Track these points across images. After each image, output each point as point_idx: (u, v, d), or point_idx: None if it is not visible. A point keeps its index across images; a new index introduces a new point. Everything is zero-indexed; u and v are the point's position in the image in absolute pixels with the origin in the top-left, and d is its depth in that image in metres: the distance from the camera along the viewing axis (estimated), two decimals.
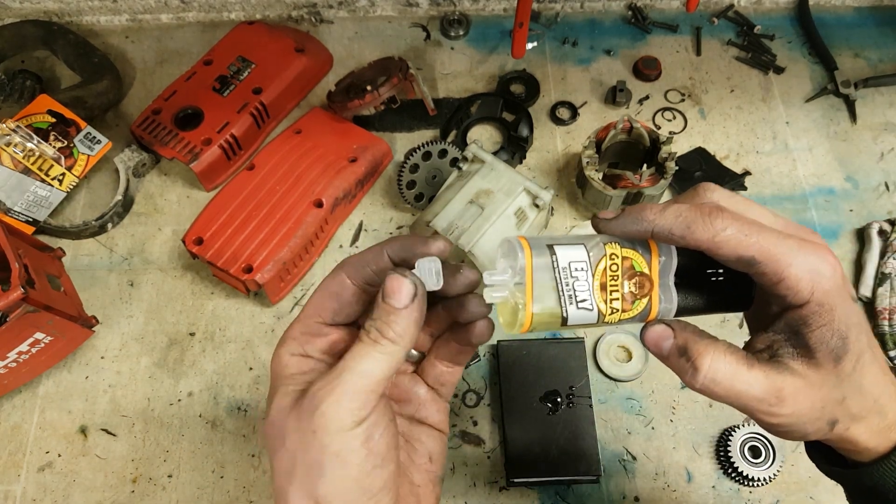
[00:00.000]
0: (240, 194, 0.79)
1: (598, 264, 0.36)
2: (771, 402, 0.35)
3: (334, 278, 0.39)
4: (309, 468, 0.34)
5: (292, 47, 0.91)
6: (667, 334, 0.37)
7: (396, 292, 0.35)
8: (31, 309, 0.64)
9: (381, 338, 0.35)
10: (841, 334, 0.35)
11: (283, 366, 0.38)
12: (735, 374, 0.35)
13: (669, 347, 0.37)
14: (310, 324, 0.39)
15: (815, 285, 0.35)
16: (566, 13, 1.00)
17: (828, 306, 0.35)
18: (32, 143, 0.78)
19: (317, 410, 0.34)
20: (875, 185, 0.87)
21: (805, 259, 0.35)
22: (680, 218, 0.35)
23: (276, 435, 0.36)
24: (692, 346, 0.36)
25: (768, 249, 0.35)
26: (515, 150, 0.87)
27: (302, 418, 0.34)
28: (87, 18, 0.98)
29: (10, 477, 0.70)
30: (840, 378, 0.36)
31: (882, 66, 0.96)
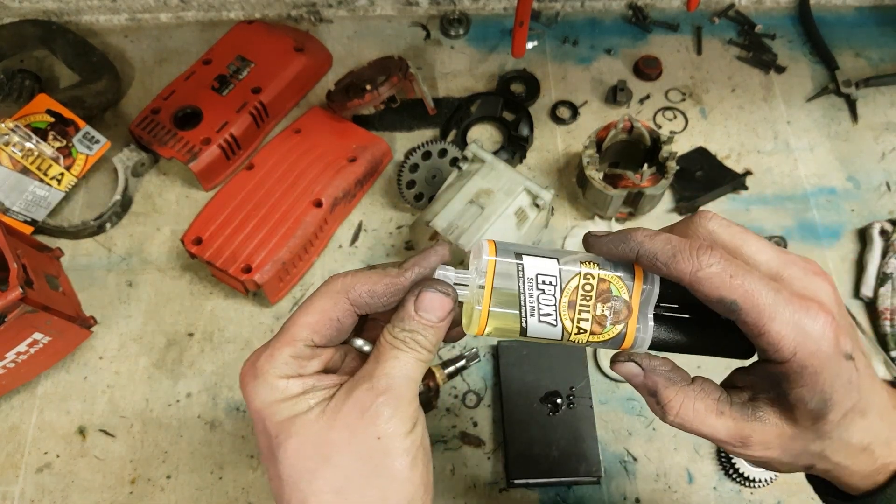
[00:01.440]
0: (239, 194, 0.79)
1: (569, 281, 0.36)
2: (736, 445, 0.36)
3: (336, 304, 0.36)
4: (376, 476, 0.33)
5: (291, 46, 0.91)
6: (636, 371, 0.37)
7: (437, 309, 0.36)
8: (30, 309, 0.64)
9: (420, 347, 0.35)
10: (823, 395, 0.33)
11: (282, 389, 0.35)
12: (703, 420, 0.36)
13: (638, 384, 0.37)
14: (300, 348, 0.36)
15: (798, 346, 0.32)
16: (566, 12, 1.00)
17: (811, 369, 0.33)
18: (31, 142, 0.78)
19: (380, 418, 0.33)
20: (876, 184, 0.86)
21: (792, 315, 0.32)
22: (668, 246, 0.34)
23: (313, 455, 0.33)
24: (662, 393, 0.36)
25: (753, 297, 0.32)
26: (515, 150, 0.87)
27: (357, 429, 0.33)
28: (86, 18, 0.98)
29: (9, 478, 0.69)
30: (819, 435, 0.35)
31: (883, 65, 0.96)
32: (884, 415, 0.36)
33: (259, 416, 0.35)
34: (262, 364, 0.35)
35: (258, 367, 0.36)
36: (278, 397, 0.35)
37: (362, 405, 0.34)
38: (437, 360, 0.74)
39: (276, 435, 0.34)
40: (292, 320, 0.37)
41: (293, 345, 0.36)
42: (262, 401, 0.35)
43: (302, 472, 0.33)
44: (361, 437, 0.33)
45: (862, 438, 0.35)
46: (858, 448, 0.36)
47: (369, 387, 0.34)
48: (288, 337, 0.36)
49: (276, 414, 0.35)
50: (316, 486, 0.33)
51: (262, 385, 0.35)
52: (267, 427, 0.35)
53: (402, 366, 0.35)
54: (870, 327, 0.77)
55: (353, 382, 0.35)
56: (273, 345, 0.36)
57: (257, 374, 0.35)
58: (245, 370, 0.36)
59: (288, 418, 0.34)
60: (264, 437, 0.35)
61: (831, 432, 0.35)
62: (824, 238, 0.83)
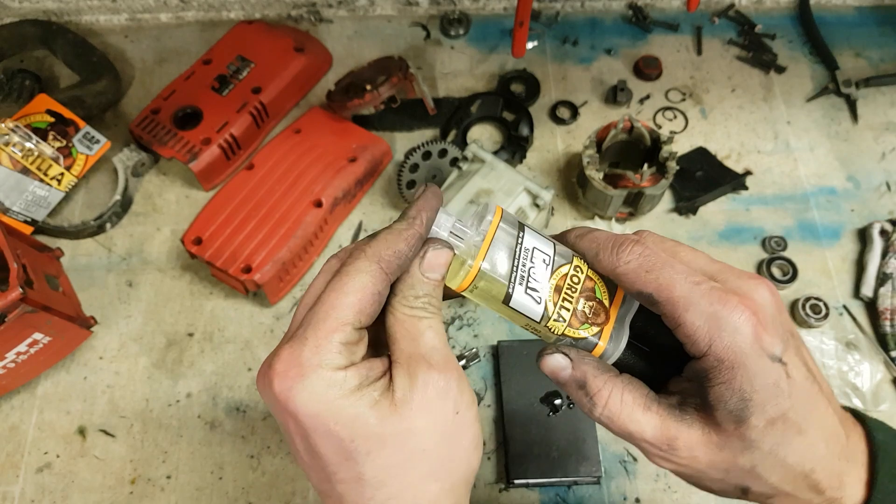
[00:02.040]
0: (239, 194, 0.79)
1: (560, 266, 0.36)
2: (662, 448, 0.34)
3: (374, 277, 0.33)
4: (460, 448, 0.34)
5: (291, 46, 0.91)
6: (564, 363, 0.36)
7: (441, 266, 0.35)
8: (30, 309, 0.64)
9: (436, 308, 0.35)
10: (743, 396, 0.32)
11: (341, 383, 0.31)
12: (630, 414, 0.34)
13: (566, 378, 0.36)
14: (349, 332, 0.32)
15: (714, 338, 0.32)
16: (567, 12, 1.00)
17: (728, 363, 0.32)
18: (31, 142, 0.78)
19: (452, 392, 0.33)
20: (876, 184, 0.86)
21: (709, 307, 0.32)
22: (593, 244, 0.35)
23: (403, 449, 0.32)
24: (591, 382, 0.35)
25: (667, 289, 0.33)
26: (516, 150, 0.87)
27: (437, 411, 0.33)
28: (86, 18, 0.98)
29: (9, 478, 0.69)
30: (746, 444, 0.33)
31: (883, 65, 0.96)
32: (830, 441, 0.34)
33: (318, 420, 0.31)
34: (310, 358, 0.31)
35: (305, 362, 0.31)
36: (339, 393, 0.31)
37: (434, 386, 0.33)
38: None
39: (351, 438, 0.31)
40: (330, 304, 0.32)
41: (342, 330, 0.32)
42: (320, 401, 0.31)
43: (392, 469, 0.32)
44: (443, 418, 0.33)
45: (800, 460, 0.33)
46: (798, 472, 0.33)
47: (427, 366, 0.33)
48: (334, 323, 0.32)
49: (342, 414, 0.31)
50: (410, 478, 0.33)
51: (317, 382, 0.31)
52: (335, 430, 0.31)
53: (437, 334, 0.34)
54: (870, 327, 0.77)
55: (406, 366, 0.33)
56: (315, 335, 0.32)
57: (306, 371, 0.31)
58: (281, 370, 0.31)
59: (359, 416, 0.31)
60: (330, 441, 0.31)
61: (758, 441, 0.33)
62: (824, 238, 0.83)
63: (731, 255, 0.81)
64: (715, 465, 0.34)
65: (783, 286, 0.79)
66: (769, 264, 0.80)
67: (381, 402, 0.32)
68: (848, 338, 0.75)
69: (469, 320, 0.77)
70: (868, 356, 0.74)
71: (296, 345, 0.32)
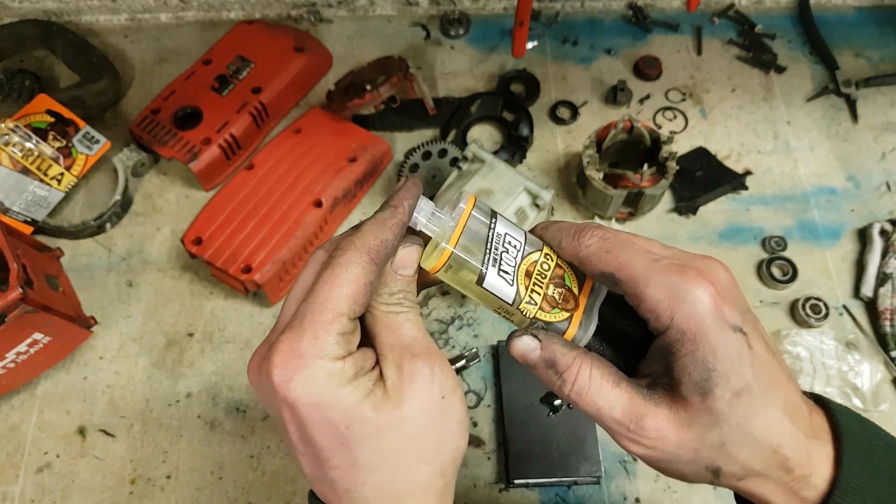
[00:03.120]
0: (239, 194, 0.79)
1: (531, 254, 0.37)
2: (630, 428, 0.34)
3: (366, 268, 0.33)
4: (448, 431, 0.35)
5: (291, 46, 0.91)
6: (533, 345, 0.36)
7: (412, 262, 0.36)
8: (30, 309, 0.64)
9: (411, 303, 0.36)
10: (706, 366, 0.32)
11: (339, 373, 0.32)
12: (599, 390, 0.35)
13: (536, 359, 0.36)
14: (345, 323, 0.33)
15: (675, 310, 0.33)
16: (566, 12, 1.00)
17: (691, 334, 0.33)
18: (31, 142, 0.78)
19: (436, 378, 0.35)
20: (876, 184, 0.86)
21: (668, 280, 0.33)
22: (557, 233, 0.37)
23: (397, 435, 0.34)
24: (560, 359, 0.35)
25: (628, 267, 0.34)
26: (515, 150, 0.87)
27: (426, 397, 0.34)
28: (86, 18, 0.98)
29: (9, 478, 0.69)
30: (713, 418, 0.33)
31: (883, 65, 0.96)
32: (795, 417, 0.34)
33: (317, 409, 0.32)
34: (309, 348, 0.32)
35: (304, 352, 0.32)
36: (337, 383, 0.32)
37: (420, 374, 0.34)
38: None
39: (347, 425, 0.32)
40: (325, 296, 0.33)
41: (339, 321, 0.32)
42: (319, 390, 0.32)
43: (385, 454, 0.33)
44: (431, 403, 0.34)
45: (767, 434, 0.33)
46: (767, 447, 0.33)
47: (411, 355, 0.34)
48: (331, 314, 0.32)
49: (340, 403, 0.32)
50: (403, 462, 0.34)
51: (316, 372, 0.32)
52: (332, 418, 0.32)
53: (415, 325, 0.36)
54: (870, 327, 0.77)
55: (390, 357, 0.35)
56: (313, 326, 0.32)
57: (306, 361, 0.32)
58: (280, 361, 0.32)
59: (355, 405, 0.32)
60: (326, 429, 0.32)
61: (725, 415, 0.33)
62: (824, 238, 0.83)
63: (731, 254, 0.81)
64: (684, 444, 0.34)
65: (783, 286, 0.79)
66: (769, 264, 0.80)
67: (375, 392, 0.33)
68: (848, 338, 0.75)
69: (469, 320, 0.77)
70: (868, 356, 0.74)
71: (294, 336, 0.32)
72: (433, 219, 0.37)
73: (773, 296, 0.79)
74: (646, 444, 0.34)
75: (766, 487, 0.35)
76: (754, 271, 0.80)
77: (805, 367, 0.73)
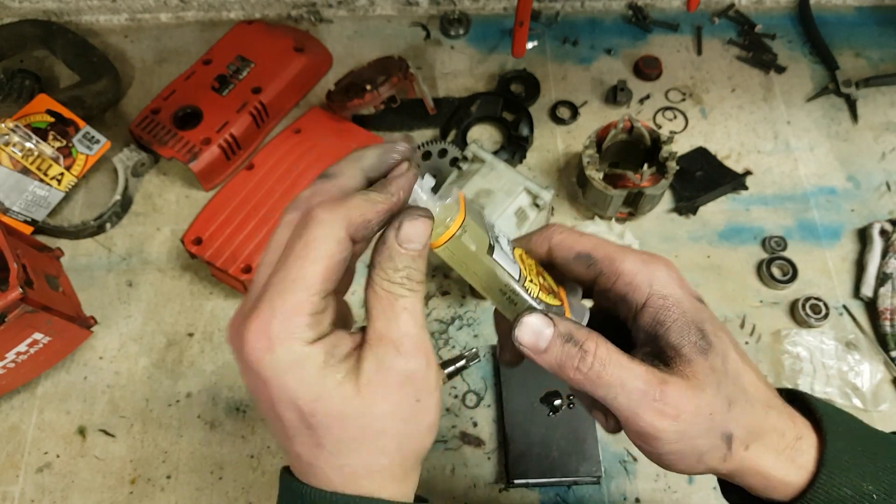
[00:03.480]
0: (239, 194, 0.79)
1: (515, 249, 0.38)
2: (655, 397, 0.33)
3: (341, 244, 0.32)
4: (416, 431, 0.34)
5: (291, 46, 0.91)
6: (546, 322, 0.35)
7: (421, 235, 0.33)
8: (30, 309, 0.64)
9: (416, 284, 0.34)
10: (698, 326, 0.35)
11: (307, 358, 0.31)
12: (619, 360, 0.34)
13: (551, 336, 0.35)
14: (317, 302, 0.31)
15: (651, 279, 0.35)
16: (566, 12, 1.00)
17: (673, 298, 0.35)
18: (31, 142, 0.78)
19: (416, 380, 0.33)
20: (876, 184, 0.86)
21: (636, 257, 0.36)
22: (523, 239, 0.39)
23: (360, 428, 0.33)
24: (576, 333, 0.35)
25: (602, 246, 0.37)
26: (515, 150, 0.87)
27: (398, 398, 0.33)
28: (86, 18, 0.98)
29: (9, 478, 0.69)
30: (717, 375, 0.34)
31: (883, 65, 0.96)
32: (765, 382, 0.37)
33: (284, 392, 0.32)
34: (278, 331, 0.31)
35: (273, 334, 0.31)
36: (305, 370, 0.31)
37: (397, 373, 0.33)
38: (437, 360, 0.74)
39: (312, 413, 0.32)
40: (296, 273, 0.31)
41: (310, 301, 0.31)
42: (287, 375, 0.31)
43: (349, 442, 0.33)
44: (404, 404, 0.33)
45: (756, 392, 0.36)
46: (761, 406, 0.36)
47: (396, 352, 0.33)
48: (302, 294, 0.31)
49: (307, 390, 0.32)
50: (365, 452, 0.33)
51: (285, 356, 0.31)
52: (298, 404, 0.32)
53: (413, 316, 0.33)
54: (870, 327, 0.77)
55: (376, 348, 0.33)
56: (283, 307, 0.31)
57: (274, 343, 0.31)
58: (251, 340, 0.31)
59: (322, 394, 0.32)
60: (293, 411, 0.32)
61: (725, 371, 0.34)
62: (824, 238, 0.83)
63: (731, 254, 0.81)
64: (701, 409, 0.34)
65: (783, 286, 0.79)
66: (769, 264, 0.80)
67: (345, 384, 0.32)
68: (848, 338, 0.75)
69: (469, 320, 0.77)
70: (868, 356, 0.74)
71: (264, 316, 0.31)
72: (433, 197, 0.35)
73: (773, 296, 0.79)
74: (670, 414, 0.34)
75: (767, 457, 0.36)
76: (754, 271, 0.80)
77: (805, 367, 0.73)
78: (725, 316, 0.78)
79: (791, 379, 0.73)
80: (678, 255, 0.81)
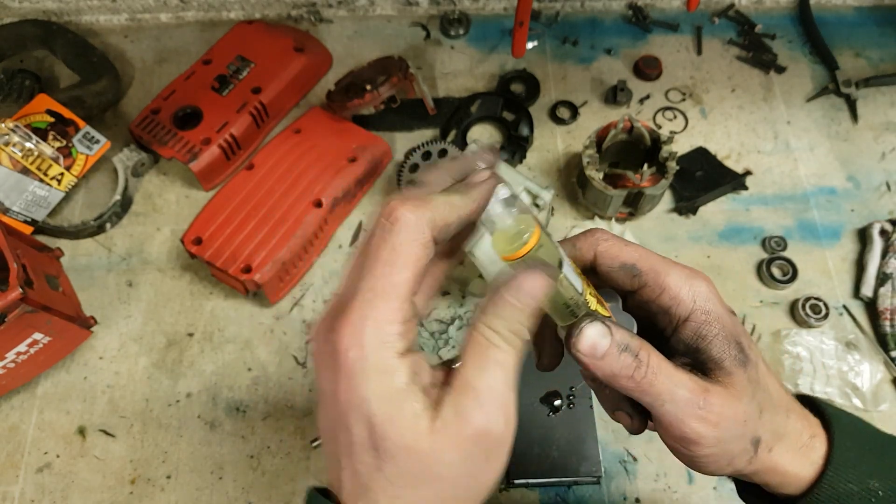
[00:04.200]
0: (239, 194, 0.79)
1: None
2: (700, 405, 0.35)
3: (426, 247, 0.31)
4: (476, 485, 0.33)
5: (291, 46, 0.91)
6: (605, 331, 0.35)
7: (538, 293, 0.32)
8: (30, 309, 0.64)
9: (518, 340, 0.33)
10: (736, 340, 0.36)
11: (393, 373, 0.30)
12: (668, 370, 0.35)
13: (609, 345, 0.35)
14: (407, 308, 0.31)
15: (695, 294, 0.36)
16: (566, 12, 1.00)
17: (714, 314, 0.36)
18: (31, 142, 0.78)
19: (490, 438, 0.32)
20: (876, 184, 0.86)
21: (681, 272, 0.37)
22: (567, 242, 0.39)
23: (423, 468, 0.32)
24: (632, 342, 0.35)
25: (647, 258, 0.37)
26: (515, 150, 0.87)
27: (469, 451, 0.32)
28: (85, 18, 0.98)
29: (9, 478, 0.69)
30: (752, 387, 0.36)
31: (883, 65, 0.96)
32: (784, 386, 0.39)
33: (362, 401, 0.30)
34: (372, 336, 0.30)
35: (367, 339, 0.30)
36: (391, 384, 0.30)
37: (475, 429, 0.32)
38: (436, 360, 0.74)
39: (383, 437, 0.31)
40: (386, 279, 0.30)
41: (402, 309, 0.30)
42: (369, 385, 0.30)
43: (407, 477, 0.32)
44: (472, 459, 0.32)
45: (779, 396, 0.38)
46: (783, 409, 0.38)
47: (477, 406, 0.32)
48: (394, 301, 0.30)
49: (385, 408, 0.30)
50: (420, 493, 0.32)
51: (376, 363, 0.30)
52: (373, 421, 0.31)
53: (505, 371, 0.32)
54: (870, 327, 0.77)
55: (459, 394, 0.32)
56: (375, 310, 0.30)
57: (367, 349, 0.30)
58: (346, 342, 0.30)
59: (396, 421, 0.31)
60: (363, 425, 0.31)
61: (759, 382, 0.37)
62: (824, 238, 0.83)
63: (731, 254, 0.81)
64: (737, 416, 0.36)
65: (783, 286, 0.79)
66: (769, 264, 0.80)
67: (422, 418, 0.31)
68: (848, 338, 0.75)
69: (469, 320, 0.77)
70: (868, 356, 0.74)
71: (357, 322, 0.30)
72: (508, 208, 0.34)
73: (773, 296, 0.79)
74: (712, 420, 0.35)
75: (787, 456, 0.38)
76: (754, 271, 0.80)
77: (805, 367, 0.73)
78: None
79: (791, 379, 0.73)
80: (678, 255, 0.81)
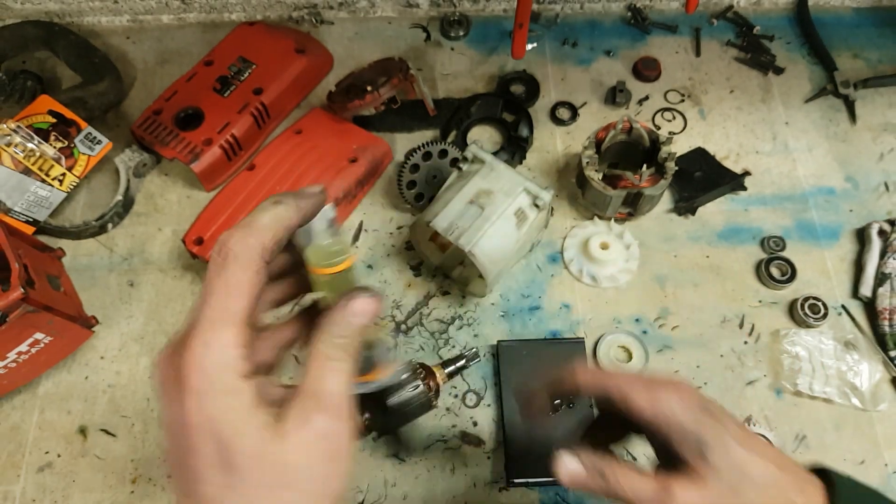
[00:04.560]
0: (240, 194, 0.80)
1: None
2: (663, 498, 0.41)
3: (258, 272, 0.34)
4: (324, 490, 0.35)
5: (293, 48, 0.91)
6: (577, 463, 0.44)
7: (368, 313, 0.37)
8: (31, 309, 0.64)
9: (350, 357, 0.36)
10: (696, 436, 0.41)
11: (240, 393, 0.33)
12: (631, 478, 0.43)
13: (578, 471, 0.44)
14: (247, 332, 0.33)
15: (656, 410, 0.42)
16: (566, 14, 1.00)
17: (673, 421, 0.42)
18: (33, 143, 0.78)
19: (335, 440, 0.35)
20: (875, 185, 0.87)
21: (647, 394, 0.43)
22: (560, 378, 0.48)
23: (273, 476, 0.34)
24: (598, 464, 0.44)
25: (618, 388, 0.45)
26: (515, 151, 0.88)
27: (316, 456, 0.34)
28: (88, 19, 0.98)
29: (10, 477, 0.69)
30: (718, 472, 0.41)
31: (881, 66, 0.96)
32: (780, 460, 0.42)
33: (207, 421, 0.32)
34: (214, 360, 0.32)
35: (209, 364, 0.32)
36: (236, 404, 0.33)
37: (319, 431, 0.34)
38: (437, 360, 0.74)
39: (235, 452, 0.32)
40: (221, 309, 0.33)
41: (242, 333, 0.33)
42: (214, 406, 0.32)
43: (261, 488, 0.33)
44: (319, 461, 0.35)
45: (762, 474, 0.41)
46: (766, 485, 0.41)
47: (319, 409, 0.34)
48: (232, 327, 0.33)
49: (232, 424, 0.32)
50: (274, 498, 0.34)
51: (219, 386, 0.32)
52: (220, 437, 0.32)
53: (340, 380, 0.35)
54: (868, 327, 0.77)
55: (303, 401, 0.34)
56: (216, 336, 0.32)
57: (210, 373, 0.32)
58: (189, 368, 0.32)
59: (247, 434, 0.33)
60: (211, 443, 0.32)
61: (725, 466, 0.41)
62: (823, 238, 0.83)
63: (730, 255, 0.82)
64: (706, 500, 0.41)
65: (782, 286, 0.79)
66: (768, 264, 0.80)
67: (268, 428, 0.33)
68: (847, 338, 0.75)
69: (469, 320, 0.78)
70: (867, 356, 0.74)
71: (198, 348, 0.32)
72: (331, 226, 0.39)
73: (772, 296, 0.79)
74: None
75: None
76: (753, 271, 0.81)
77: (804, 366, 0.74)
78: (724, 316, 0.78)
79: (790, 379, 0.73)
80: (677, 255, 0.82)
